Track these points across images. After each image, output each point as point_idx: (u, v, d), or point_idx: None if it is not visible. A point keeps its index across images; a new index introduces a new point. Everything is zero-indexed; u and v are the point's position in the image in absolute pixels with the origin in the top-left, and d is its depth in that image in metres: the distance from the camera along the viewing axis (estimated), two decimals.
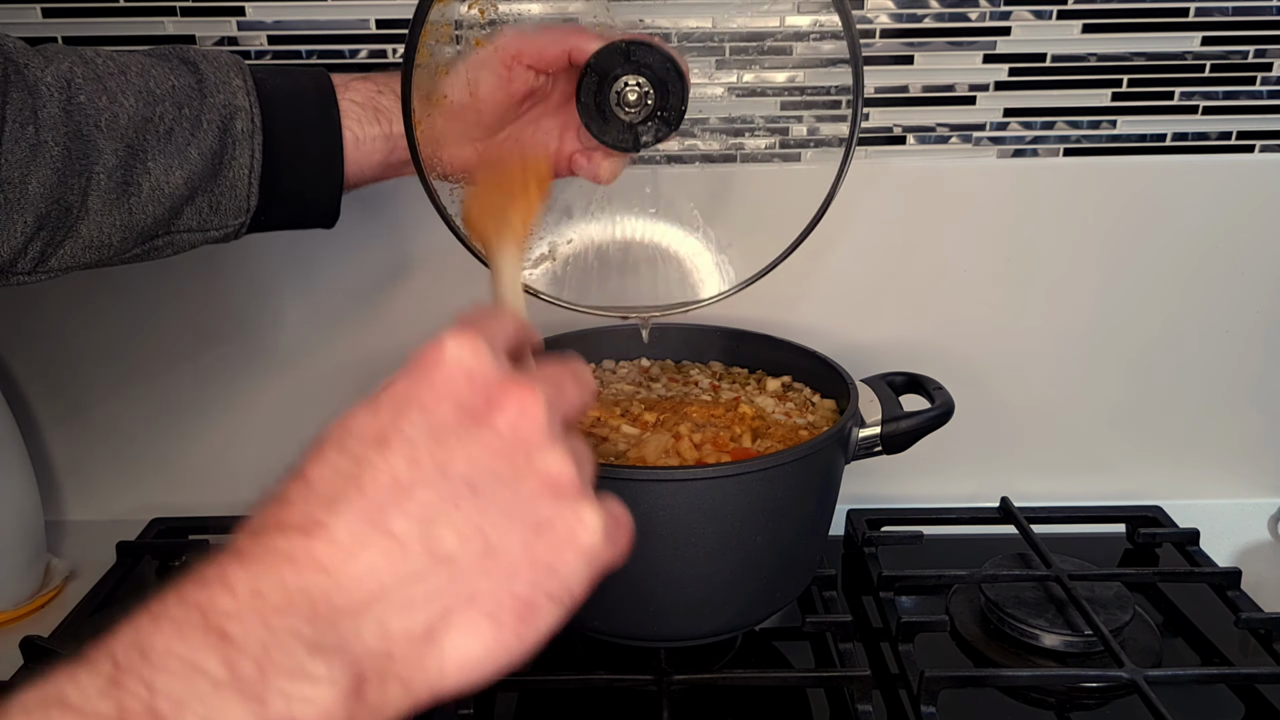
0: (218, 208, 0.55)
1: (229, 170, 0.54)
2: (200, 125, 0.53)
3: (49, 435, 0.92)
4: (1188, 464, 0.94)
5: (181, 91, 0.53)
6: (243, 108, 0.54)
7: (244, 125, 0.54)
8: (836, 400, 0.74)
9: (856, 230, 0.86)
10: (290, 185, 0.57)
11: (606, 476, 0.60)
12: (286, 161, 0.56)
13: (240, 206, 0.56)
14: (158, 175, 0.52)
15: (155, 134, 0.52)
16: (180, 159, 0.53)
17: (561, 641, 0.77)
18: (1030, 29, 0.80)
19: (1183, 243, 0.86)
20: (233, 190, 0.55)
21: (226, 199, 0.55)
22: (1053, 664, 0.71)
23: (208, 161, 0.53)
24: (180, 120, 0.53)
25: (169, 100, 0.53)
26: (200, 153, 0.53)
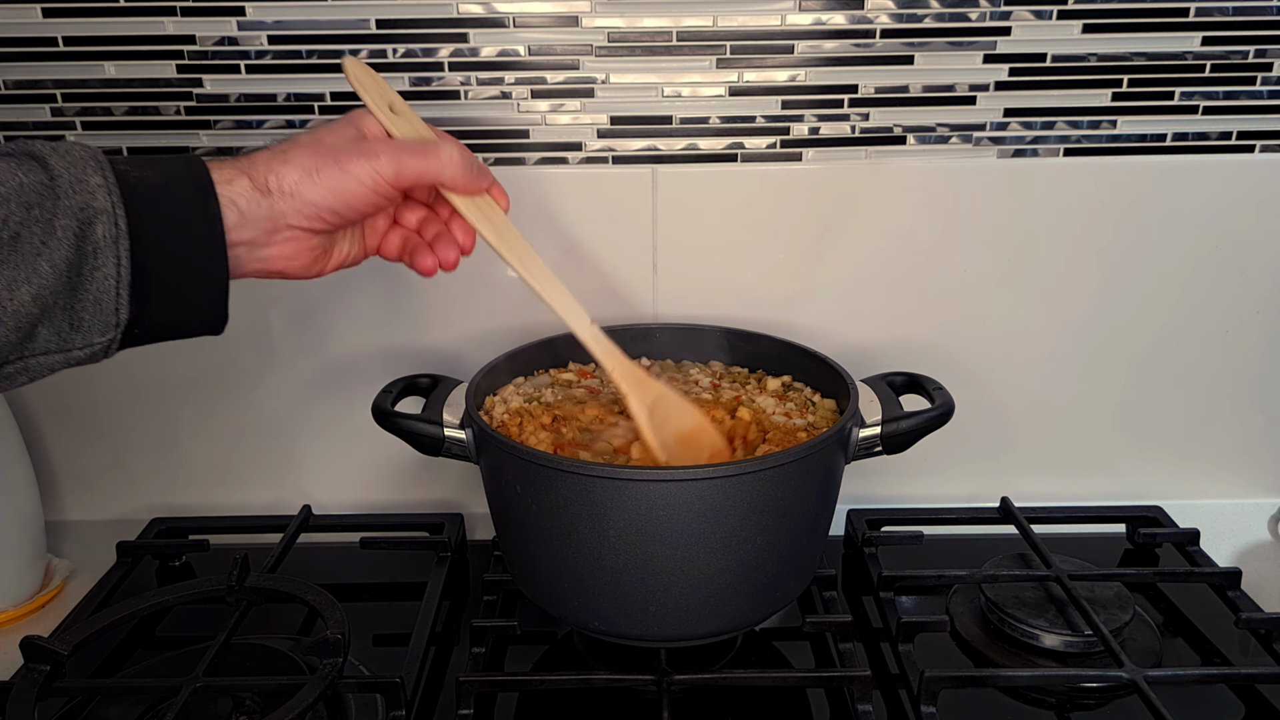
0: (79, 325, 0.48)
1: (90, 283, 0.47)
2: (53, 231, 0.45)
3: (49, 435, 0.92)
4: (1188, 464, 0.94)
5: (30, 190, 0.45)
6: (104, 209, 0.47)
7: (106, 230, 0.47)
8: (836, 400, 0.74)
9: (857, 230, 0.86)
10: (167, 293, 0.50)
11: (607, 477, 0.61)
12: (160, 268, 0.49)
13: (108, 322, 0.48)
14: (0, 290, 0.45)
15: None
16: (28, 272, 0.45)
17: (561, 641, 0.78)
18: (1030, 29, 0.80)
19: (1183, 243, 0.86)
20: (96, 305, 0.47)
21: (90, 314, 0.48)
22: (1053, 664, 0.71)
23: (61, 275, 0.46)
24: (29, 224, 0.45)
25: (15, 201, 0.45)
26: (53, 265, 0.45)
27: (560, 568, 0.65)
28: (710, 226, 0.86)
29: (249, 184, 0.52)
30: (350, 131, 0.56)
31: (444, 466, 0.75)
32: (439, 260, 0.61)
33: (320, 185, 0.53)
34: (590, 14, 0.80)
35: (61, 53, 0.80)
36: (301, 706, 0.60)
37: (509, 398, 0.75)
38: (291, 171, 0.52)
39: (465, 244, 0.62)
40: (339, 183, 0.53)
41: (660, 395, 0.69)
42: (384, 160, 0.54)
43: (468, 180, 0.58)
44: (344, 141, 0.55)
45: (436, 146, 0.56)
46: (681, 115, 0.83)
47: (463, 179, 0.58)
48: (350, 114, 0.58)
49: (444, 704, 0.69)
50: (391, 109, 0.58)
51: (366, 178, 0.54)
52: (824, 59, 0.81)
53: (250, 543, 0.85)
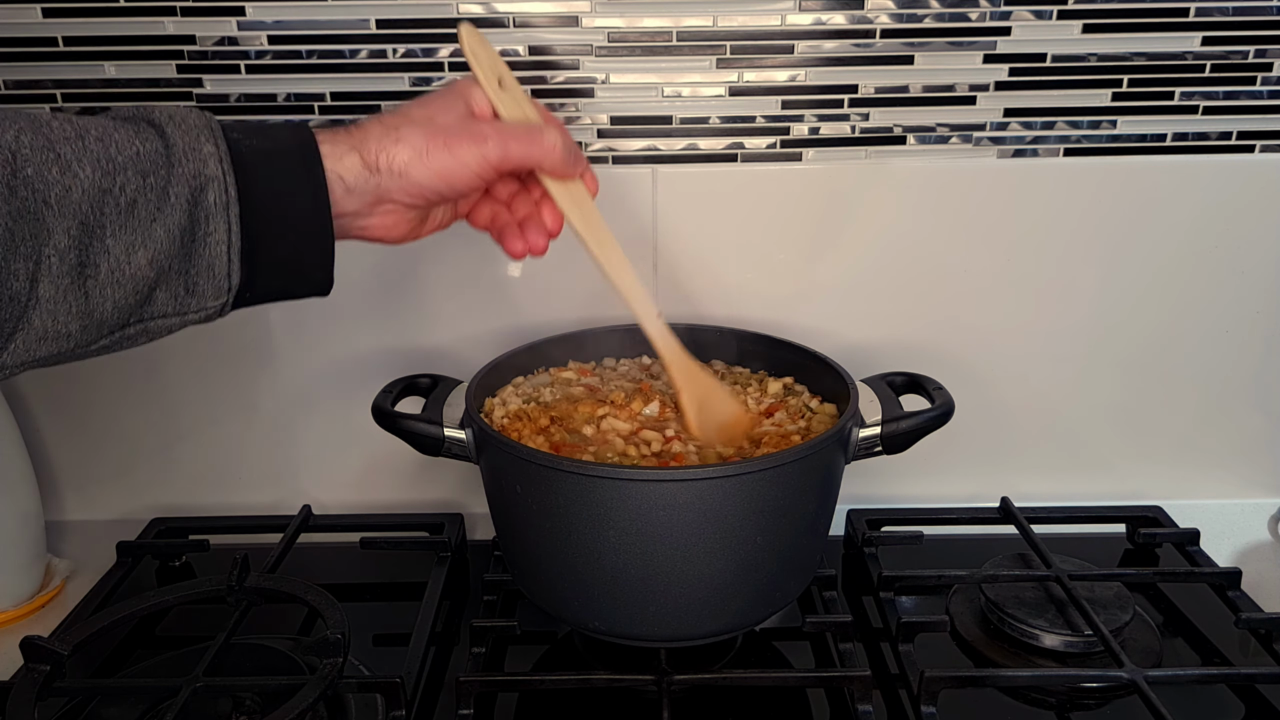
0: (194, 289, 0.50)
1: (203, 248, 0.49)
2: (167, 198, 0.47)
3: (49, 435, 0.92)
4: (1188, 464, 0.94)
5: (146, 159, 0.47)
6: (215, 177, 0.49)
7: (217, 197, 0.49)
8: (836, 404, 0.74)
9: (856, 230, 0.86)
10: (276, 256, 0.52)
11: (607, 477, 0.61)
12: (269, 231, 0.51)
13: (220, 286, 0.50)
14: (118, 256, 0.47)
15: (115, 208, 0.46)
16: (144, 237, 0.47)
17: (562, 641, 0.78)
18: (1030, 29, 0.80)
19: (1183, 243, 0.86)
20: (210, 270, 0.50)
21: (203, 279, 0.50)
22: (1053, 664, 0.71)
23: (175, 240, 0.48)
24: (144, 191, 0.47)
25: (131, 169, 0.47)
26: (167, 230, 0.48)
27: (560, 568, 0.65)
28: (710, 226, 0.86)
29: (359, 161, 0.53)
30: (460, 108, 0.57)
31: (444, 466, 0.75)
32: (528, 245, 0.62)
33: (429, 168, 0.54)
34: (590, 14, 0.80)
35: (61, 53, 0.81)
36: (301, 706, 0.60)
37: (507, 399, 0.75)
38: (403, 152, 0.53)
39: (553, 228, 0.62)
40: (446, 166, 0.54)
41: (709, 390, 0.72)
42: (491, 145, 0.55)
43: (565, 167, 0.59)
44: (455, 121, 0.56)
45: (541, 133, 0.57)
46: (681, 115, 0.83)
47: (561, 165, 0.59)
48: (458, 85, 0.59)
49: (444, 704, 0.69)
50: (500, 84, 0.59)
51: (473, 162, 0.55)
52: (824, 59, 0.81)
53: (250, 543, 0.85)
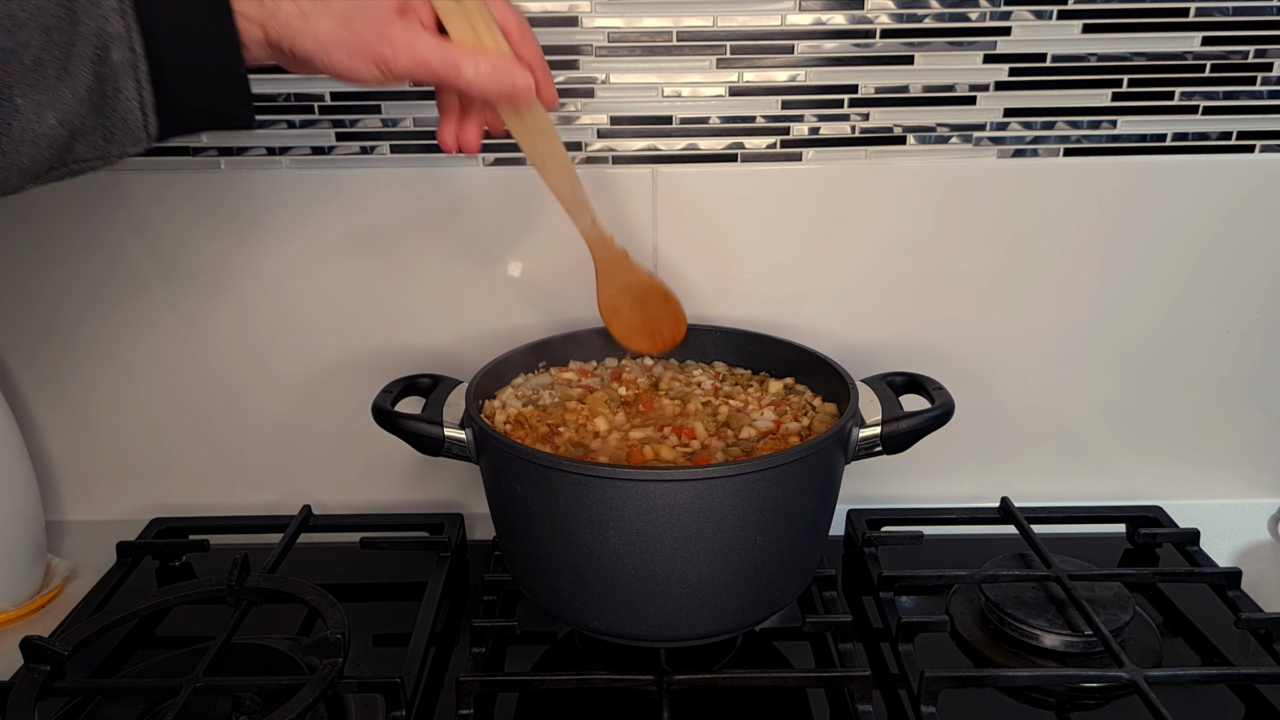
0: (112, 138, 0.49)
1: (114, 104, 0.48)
2: (71, 58, 0.46)
3: (49, 435, 0.92)
4: (1188, 464, 0.94)
5: (48, 14, 0.46)
6: (118, 34, 0.47)
7: (122, 55, 0.47)
8: (837, 403, 0.74)
9: (857, 230, 0.86)
10: (192, 105, 0.51)
11: (607, 477, 0.61)
12: (181, 84, 0.50)
13: (137, 136, 0.50)
14: (28, 115, 0.46)
15: (20, 67, 0.45)
16: (51, 97, 0.46)
17: (562, 641, 0.78)
18: (1030, 29, 0.80)
19: (1183, 243, 0.86)
20: (124, 123, 0.49)
21: (119, 130, 0.49)
22: (1053, 664, 0.71)
23: (84, 100, 0.47)
24: (48, 49, 0.46)
25: (34, 25, 0.45)
26: (74, 91, 0.47)
27: (560, 568, 0.65)
28: (710, 226, 0.86)
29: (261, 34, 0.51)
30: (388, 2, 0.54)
31: (444, 466, 0.75)
32: (460, 139, 0.61)
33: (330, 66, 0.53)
34: (590, 14, 0.80)
35: None
36: (301, 706, 0.60)
37: (507, 402, 0.75)
38: (305, 41, 0.52)
39: (494, 127, 0.61)
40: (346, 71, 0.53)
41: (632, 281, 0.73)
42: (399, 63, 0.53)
43: (495, 92, 0.56)
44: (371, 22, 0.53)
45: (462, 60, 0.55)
46: (681, 115, 0.83)
47: (489, 91, 0.56)
48: None
49: (444, 704, 0.69)
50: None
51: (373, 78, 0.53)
52: (824, 59, 0.81)
53: (250, 543, 0.85)
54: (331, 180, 0.84)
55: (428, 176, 0.84)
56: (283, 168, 0.84)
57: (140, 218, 0.85)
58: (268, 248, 0.86)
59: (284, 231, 0.85)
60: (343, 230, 0.85)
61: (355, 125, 0.83)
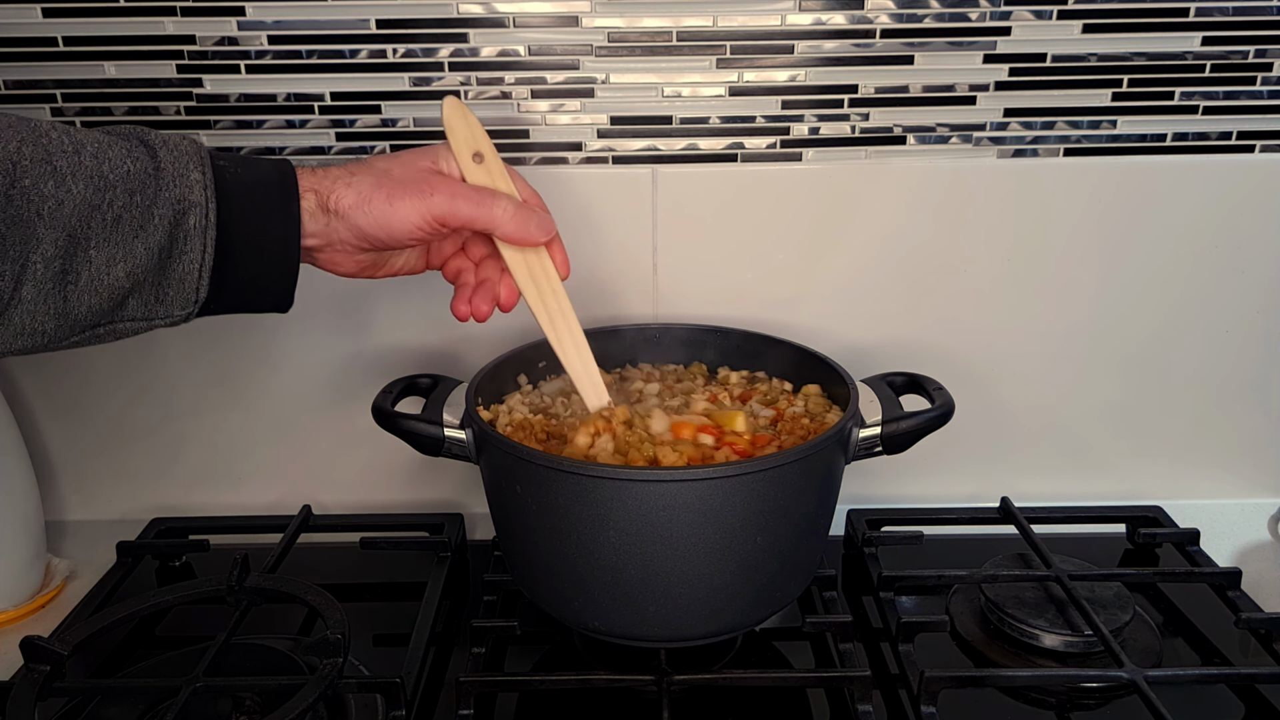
0: (163, 299, 0.54)
1: (177, 265, 0.53)
2: (151, 218, 0.51)
3: (49, 435, 0.92)
4: (1188, 464, 0.94)
5: (135, 178, 0.51)
6: (198, 203, 0.52)
7: (197, 221, 0.52)
8: (837, 403, 0.74)
9: (856, 230, 0.86)
10: (243, 276, 0.56)
11: (607, 477, 0.61)
12: (240, 255, 0.55)
13: (188, 299, 0.54)
14: (99, 266, 0.50)
15: (101, 222, 0.50)
16: (125, 251, 0.51)
17: (562, 641, 0.78)
18: (1030, 29, 0.80)
19: (1183, 243, 0.86)
20: (180, 284, 0.53)
21: (174, 292, 0.54)
22: (1053, 664, 0.71)
23: (153, 257, 0.52)
24: (130, 208, 0.50)
25: (121, 187, 0.50)
26: (147, 248, 0.51)
27: (560, 568, 0.65)
28: (710, 226, 0.86)
29: (315, 200, 0.57)
30: (425, 164, 0.60)
31: (444, 466, 0.75)
32: (471, 309, 0.64)
33: (368, 215, 0.57)
34: (590, 14, 0.80)
35: (61, 53, 0.81)
36: (301, 706, 0.60)
37: (514, 407, 0.74)
38: (348, 196, 0.57)
39: (505, 300, 0.65)
40: (384, 217, 0.57)
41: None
42: (437, 200, 0.58)
43: (519, 233, 0.61)
44: (410, 175, 0.59)
45: (492, 198, 0.60)
46: (681, 115, 0.83)
47: (513, 232, 0.61)
48: (434, 147, 0.62)
49: (444, 704, 0.69)
50: (478, 157, 0.62)
51: (413, 215, 0.58)
52: (824, 59, 0.81)
53: (250, 543, 0.85)
54: None
55: None
56: None
57: None
58: None
59: None
60: None
61: (355, 125, 0.83)
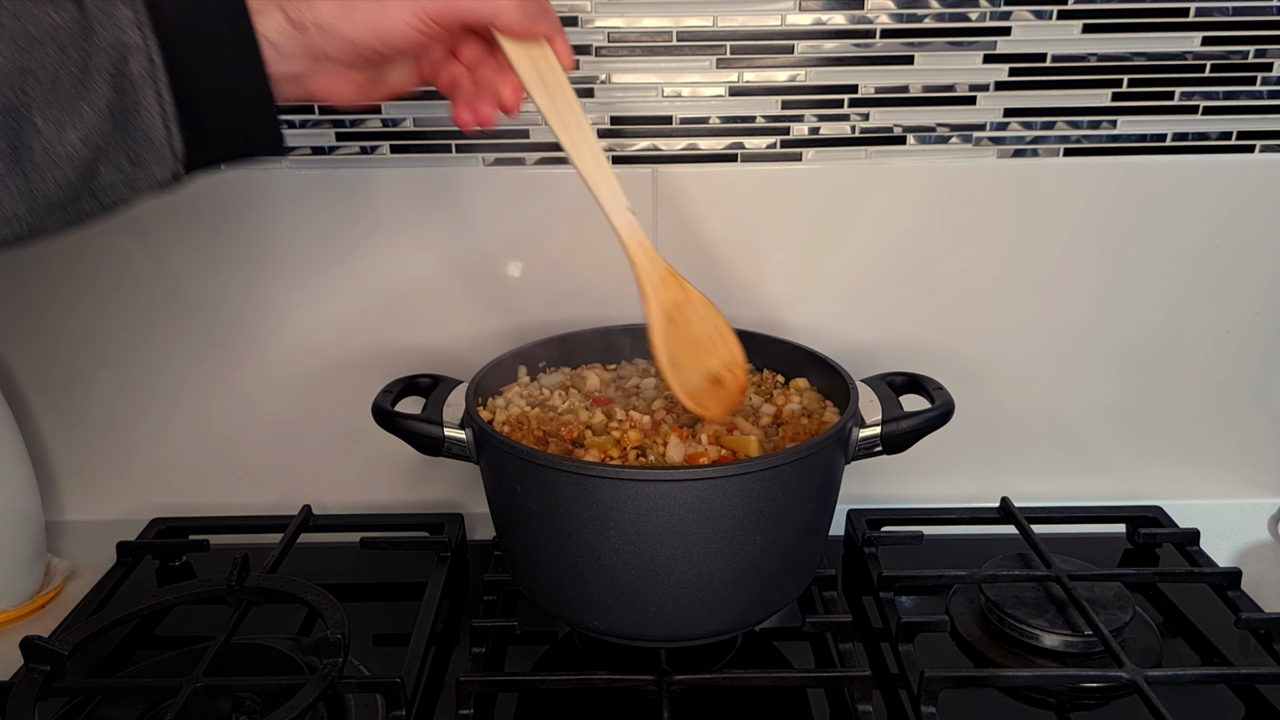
0: (138, 160, 0.48)
1: (137, 120, 0.47)
2: (89, 73, 0.45)
3: (49, 435, 0.92)
4: (1188, 464, 0.94)
5: (64, 32, 0.45)
6: (136, 44, 0.46)
7: (140, 66, 0.46)
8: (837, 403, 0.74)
9: (857, 230, 0.86)
10: (218, 121, 0.49)
11: (607, 477, 0.61)
12: (205, 96, 0.48)
13: (163, 154, 0.48)
14: (49, 135, 0.45)
15: (38, 86, 0.45)
16: (71, 114, 0.45)
17: (562, 641, 0.78)
18: (1030, 29, 0.80)
19: (1183, 243, 0.86)
20: (148, 140, 0.48)
21: (144, 149, 0.48)
22: (1053, 664, 0.71)
23: (104, 115, 0.46)
24: (65, 66, 0.45)
25: (49, 43, 0.45)
26: (93, 106, 0.46)
27: (560, 568, 0.65)
28: (710, 226, 0.86)
29: (283, 17, 0.49)
30: None
31: (444, 466, 0.75)
32: (475, 115, 0.58)
33: (357, 22, 0.50)
34: (590, 14, 0.80)
35: None
36: (301, 706, 0.60)
37: (511, 400, 0.74)
38: (327, 4, 0.50)
39: (509, 100, 0.58)
40: (377, 20, 0.51)
41: (680, 301, 0.66)
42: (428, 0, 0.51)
43: (521, 24, 0.55)
44: None
45: None
46: (681, 115, 0.83)
47: (517, 23, 0.54)
48: None
49: (444, 704, 0.69)
50: None
51: (409, 15, 0.51)
52: (824, 59, 0.81)
53: (250, 543, 0.85)
54: (331, 180, 0.84)
55: (428, 176, 0.84)
56: (283, 168, 0.83)
57: (140, 218, 0.85)
58: (267, 247, 0.86)
59: (284, 231, 0.85)
60: (342, 230, 0.85)
61: (355, 125, 0.83)
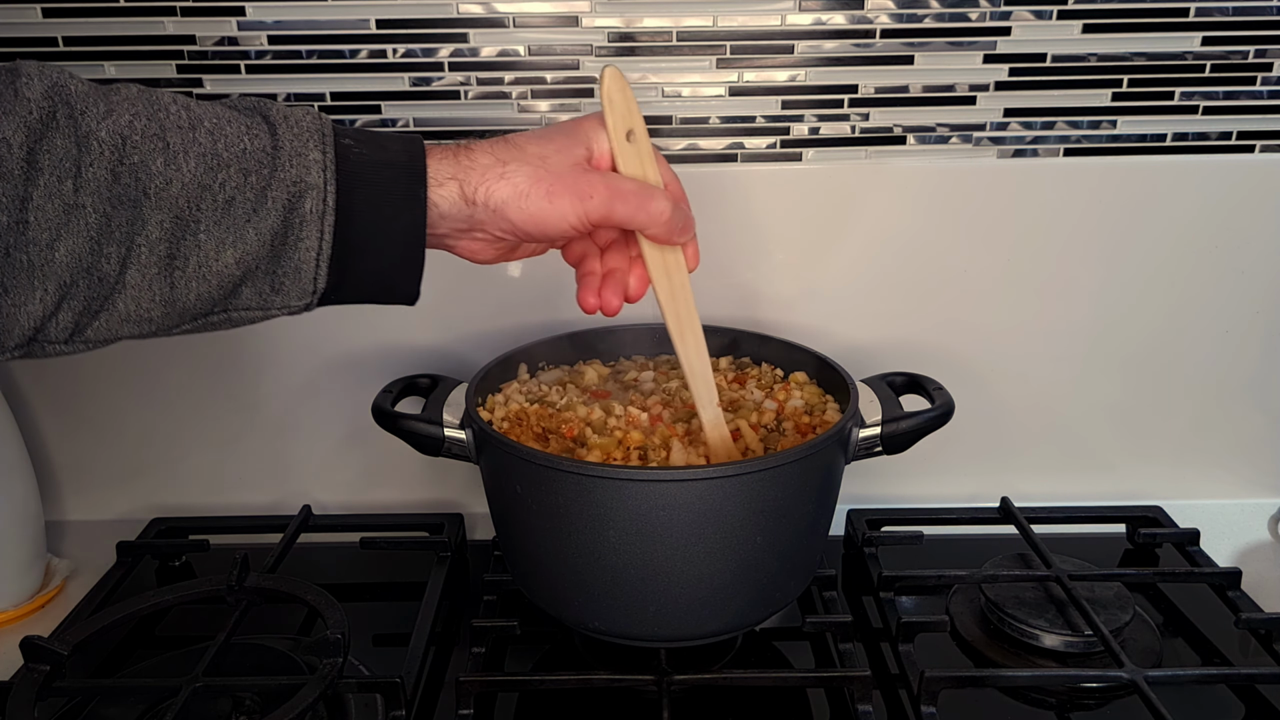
0: (280, 289, 0.50)
1: (293, 253, 0.49)
2: (264, 201, 0.47)
3: (49, 435, 0.92)
4: (1188, 464, 0.94)
5: (251, 157, 0.47)
6: (315, 186, 0.48)
7: (314, 205, 0.48)
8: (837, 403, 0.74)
9: (856, 230, 0.86)
10: (367, 266, 0.51)
11: (607, 477, 0.61)
12: (363, 243, 0.50)
13: (306, 289, 0.50)
14: (208, 251, 0.47)
15: (212, 204, 0.46)
16: (235, 236, 0.47)
17: (562, 641, 0.78)
18: (1030, 29, 0.80)
19: (1183, 243, 0.86)
20: (296, 273, 0.49)
21: (290, 281, 0.49)
22: (1053, 664, 0.71)
23: (266, 244, 0.48)
24: (244, 190, 0.47)
25: (235, 166, 0.47)
26: (258, 233, 0.47)
27: (560, 568, 0.65)
28: (710, 226, 0.86)
29: (458, 191, 0.52)
30: (579, 151, 0.55)
31: (444, 466, 0.75)
32: (600, 302, 0.60)
33: (525, 211, 0.53)
34: (590, 14, 0.80)
35: (61, 53, 0.81)
36: (301, 706, 0.60)
37: (511, 397, 0.74)
38: (503, 189, 0.52)
39: (634, 293, 0.61)
40: (543, 213, 0.53)
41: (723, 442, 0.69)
42: (596, 203, 0.53)
43: (669, 235, 0.58)
44: (567, 167, 0.54)
45: (651, 197, 0.56)
46: (681, 115, 0.83)
47: (665, 233, 0.58)
48: (584, 124, 0.57)
49: (444, 704, 0.69)
50: (630, 136, 0.57)
51: (572, 216, 0.53)
52: (824, 59, 0.81)
53: (250, 543, 0.85)
54: None
55: None
56: None
57: None
58: None
59: None
60: None
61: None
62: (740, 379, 0.78)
